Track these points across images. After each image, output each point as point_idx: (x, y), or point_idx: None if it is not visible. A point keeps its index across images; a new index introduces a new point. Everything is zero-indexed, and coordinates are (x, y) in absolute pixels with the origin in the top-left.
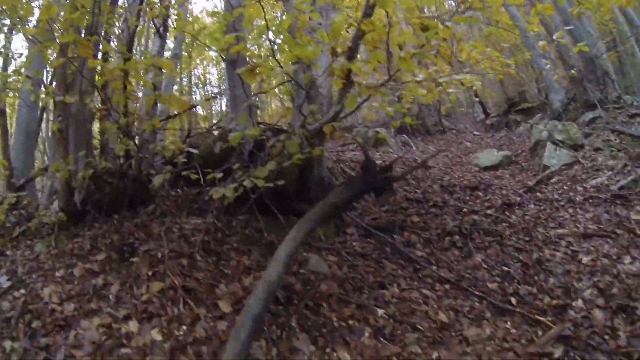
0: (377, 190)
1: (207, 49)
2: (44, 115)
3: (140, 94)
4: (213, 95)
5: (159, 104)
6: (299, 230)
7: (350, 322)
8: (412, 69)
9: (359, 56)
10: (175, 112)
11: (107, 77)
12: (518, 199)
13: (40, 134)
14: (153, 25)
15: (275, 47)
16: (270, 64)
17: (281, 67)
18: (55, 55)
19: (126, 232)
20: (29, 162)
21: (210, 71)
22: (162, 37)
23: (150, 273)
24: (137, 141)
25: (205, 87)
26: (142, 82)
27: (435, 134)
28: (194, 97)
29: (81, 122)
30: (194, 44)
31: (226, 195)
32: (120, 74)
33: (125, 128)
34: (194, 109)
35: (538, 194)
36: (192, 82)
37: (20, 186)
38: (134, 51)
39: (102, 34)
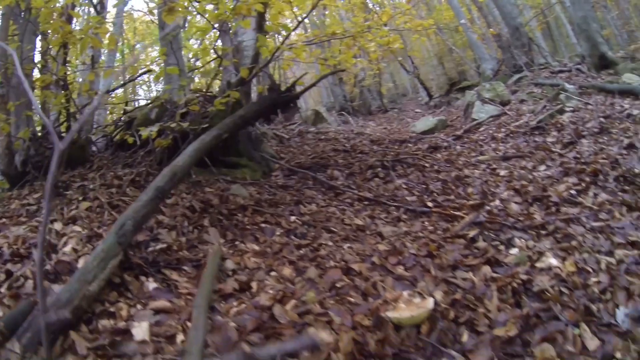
0: (282, 107)
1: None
2: None
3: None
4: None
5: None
6: (208, 134)
7: (262, 225)
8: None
9: None
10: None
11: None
12: (445, 144)
13: None
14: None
15: None
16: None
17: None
18: None
19: (63, 180)
20: None
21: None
22: (99, 13)
23: (81, 198)
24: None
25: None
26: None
27: (377, 113)
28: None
29: (22, 92)
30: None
31: (152, 130)
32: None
33: (64, 78)
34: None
35: (465, 139)
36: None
37: None
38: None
39: None
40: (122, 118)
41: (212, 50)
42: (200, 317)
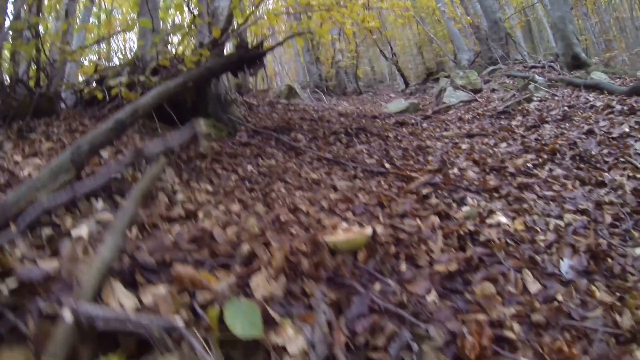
0: (248, 63)
1: None
2: None
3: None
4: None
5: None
6: (173, 81)
7: (219, 171)
8: None
9: None
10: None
11: None
12: (412, 121)
13: None
14: None
15: None
16: None
17: None
18: None
19: (28, 125)
20: None
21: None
22: None
23: (44, 139)
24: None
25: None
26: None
27: (352, 95)
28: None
29: None
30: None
31: (122, 82)
32: None
33: (35, 26)
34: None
35: (433, 119)
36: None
37: None
38: None
39: None
40: (94, 76)
41: (185, 8)
42: (130, 206)
